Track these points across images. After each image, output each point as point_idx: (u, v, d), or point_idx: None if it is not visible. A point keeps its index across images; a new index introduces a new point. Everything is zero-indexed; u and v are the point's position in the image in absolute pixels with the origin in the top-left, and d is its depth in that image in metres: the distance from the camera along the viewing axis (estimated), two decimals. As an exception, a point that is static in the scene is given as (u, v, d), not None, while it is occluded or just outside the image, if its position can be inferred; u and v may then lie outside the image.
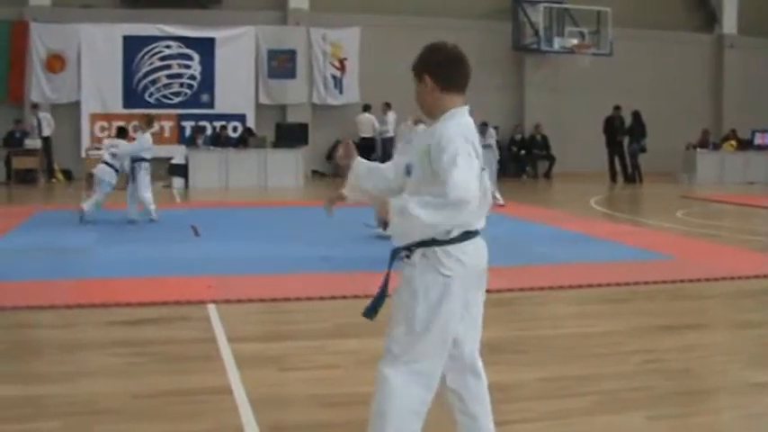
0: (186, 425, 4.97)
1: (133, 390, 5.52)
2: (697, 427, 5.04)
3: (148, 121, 16.58)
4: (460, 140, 3.83)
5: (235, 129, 26.66)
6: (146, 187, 15.39)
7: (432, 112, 4.12)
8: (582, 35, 29.78)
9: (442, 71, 4.06)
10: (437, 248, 3.89)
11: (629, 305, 8.56)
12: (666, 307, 8.50)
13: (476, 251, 4.03)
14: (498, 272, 10.02)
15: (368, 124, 27.75)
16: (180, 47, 27.46)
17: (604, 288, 9.29)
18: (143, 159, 15.58)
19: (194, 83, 27.67)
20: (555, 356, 6.48)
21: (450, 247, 3.91)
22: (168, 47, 27.42)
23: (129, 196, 15.41)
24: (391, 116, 27.54)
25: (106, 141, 16.31)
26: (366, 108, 27.83)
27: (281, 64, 28.00)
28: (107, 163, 15.61)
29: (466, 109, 4.06)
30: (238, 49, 27.70)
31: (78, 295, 8.44)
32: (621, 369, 6.12)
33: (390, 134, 27.39)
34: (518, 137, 29.55)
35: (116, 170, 15.63)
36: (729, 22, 32.96)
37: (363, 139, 27.56)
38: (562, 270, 10.28)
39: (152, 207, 15.31)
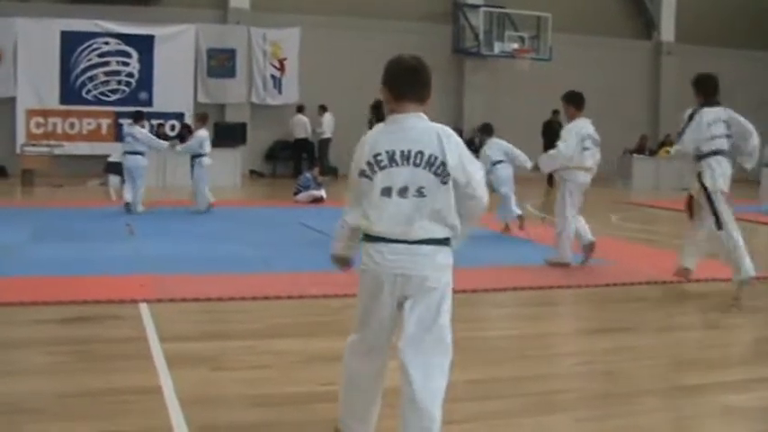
0: (115, 424, 4.91)
1: (62, 389, 5.45)
2: (625, 429, 5.08)
3: (203, 119, 17.38)
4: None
5: (173, 127, 26.50)
6: (204, 181, 16.57)
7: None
8: (522, 40, 30.02)
9: (394, 82, 4.33)
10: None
11: (561, 308, 8.64)
12: (599, 310, 8.58)
13: (380, 255, 4.25)
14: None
15: (301, 125, 27.75)
16: (119, 44, 27.24)
17: (536, 291, 9.34)
18: (201, 155, 16.63)
19: (133, 80, 27.45)
20: (485, 358, 6.50)
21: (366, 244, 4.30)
22: (107, 43, 27.18)
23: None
24: (327, 117, 27.58)
25: (139, 131, 16.82)
26: (300, 109, 27.84)
27: (220, 63, 27.89)
28: (139, 152, 16.53)
29: (404, 116, 4.29)
30: (178, 47, 27.53)
31: (7, 293, 8.30)
32: (552, 371, 6.16)
33: (327, 135, 27.44)
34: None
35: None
36: (667, 29, 33.41)
37: (297, 140, 27.66)
38: (496, 272, 10.32)
39: (210, 200, 16.58)
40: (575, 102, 11.51)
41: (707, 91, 10.00)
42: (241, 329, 7.27)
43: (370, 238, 4.25)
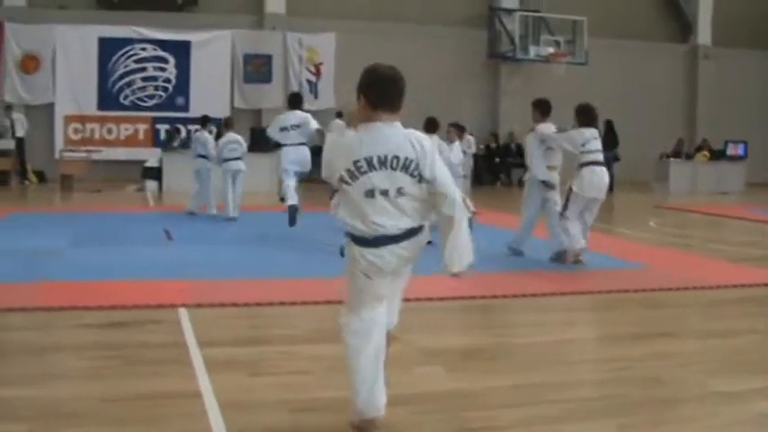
0: (156, 429, 4.94)
1: (102, 393, 5.48)
2: (665, 436, 5.06)
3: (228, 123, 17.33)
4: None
5: (210, 132, 26.59)
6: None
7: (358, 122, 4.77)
8: (557, 44, 29.92)
9: (371, 91, 4.68)
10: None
11: (600, 313, 8.59)
12: (637, 315, 8.53)
13: (373, 256, 4.73)
14: (471, 279, 10.03)
15: (340, 130, 27.74)
16: (155, 49, 27.42)
17: (576, 296, 9.32)
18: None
19: (169, 86, 27.63)
20: (526, 364, 6.49)
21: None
22: (144, 49, 27.37)
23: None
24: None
25: (205, 136, 17.22)
26: (338, 115, 27.84)
27: (256, 68, 28.01)
28: (205, 156, 16.88)
29: (380, 125, 4.64)
30: (214, 53, 27.68)
31: (49, 298, 8.38)
32: (592, 377, 6.13)
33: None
34: (492, 145, 29.63)
35: None
36: (704, 32, 33.19)
37: None
38: (535, 278, 10.30)
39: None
40: (540, 108, 12.28)
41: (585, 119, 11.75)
42: (279, 335, 7.29)
43: (361, 241, 4.68)
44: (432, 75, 28.96)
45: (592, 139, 11.45)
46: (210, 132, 17.31)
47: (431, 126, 13.91)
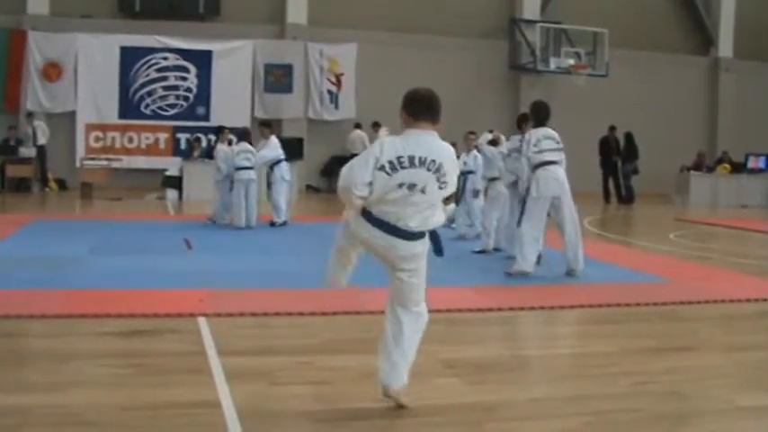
0: (174, 438, 4.96)
1: (122, 402, 5.49)
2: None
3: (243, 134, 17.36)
4: (370, 148, 5.52)
5: (230, 142, 26.66)
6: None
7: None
8: (578, 56, 29.91)
9: (412, 106, 5.53)
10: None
11: (620, 326, 8.55)
12: (658, 329, 8.49)
13: (370, 230, 5.35)
14: (491, 291, 10.04)
15: (359, 141, 27.84)
16: (177, 59, 27.57)
17: (596, 309, 9.29)
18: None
19: (190, 95, 27.76)
20: (545, 377, 6.47)
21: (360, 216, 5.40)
22: (165, 58, 27.52)
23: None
24: (382, 133, 27.51)
25: (221, 149, 17.27)
26: (357, 126, 27.92)
27: (277, 78, 28.10)
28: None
29: (420, 131, 5.43)
30: (235, 63, 27.81)
31: (69, 305, 8.42)
32: (611, 390, 6.11)
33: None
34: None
35: None
36: (725, 45, 33.12)
37: (354, 155, 27.66)
38: (555, 290, 10.28)
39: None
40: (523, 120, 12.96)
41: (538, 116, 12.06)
42: (298, 345, 7.29)
43: (365, 214, 5.38)
44: (452, 86, 28.96)
45: (544, 138, 11.64)
46: (230, 143, 17.28)
47: None
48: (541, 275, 11.27)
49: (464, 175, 14.70)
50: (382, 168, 5.27)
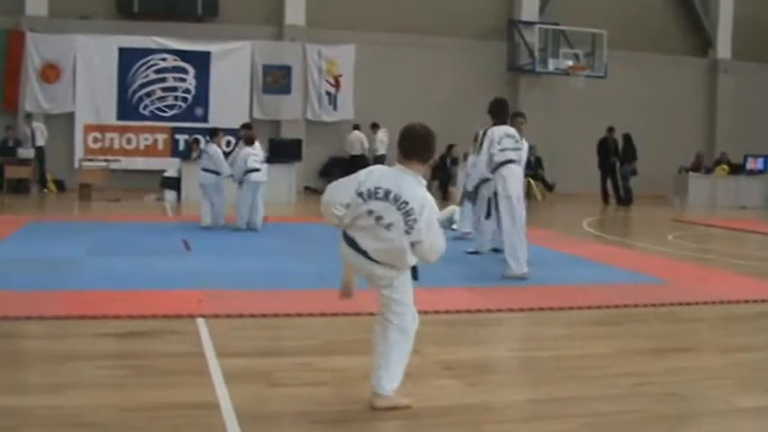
0: (173, 439, 4.96)
1: (121, 403, 5.49)
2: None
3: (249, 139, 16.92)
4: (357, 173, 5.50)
5: (228, 143, 26.68)
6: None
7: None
8: (577, 57, 29.94)
9: (404, 145, 5.51)
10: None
11: (619, 328, 8.55)
12: (657, 330, 8.49)
13: (346, 248, 5.51)
14: (490, 292, 10.04)
15: (358, 142, 27.87)
16: (175, 60, 27.58)
17: (594, 310, 9.28)
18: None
19: (189, 96, 27.77)
20: (545, 378, 6.47)
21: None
22: (164, 59, 27.53)
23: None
24: (381, 134, 27.62)
25: (214, 150, 16.60)
26: (356, 127, 27.93)
27: (275, 79, 28.11)
28: (212, 170, 16.38)
29: (405, 169, 5.46)
30: (234, 64, 27.82)
31: (68, 306, 8.41)
32: (610, 392, 6.10)
33: (381, 152, 27.45)
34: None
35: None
36: (724, 46, 33.14)
37: (353, 156, 27.73)
38: (553, 291, 10.27)
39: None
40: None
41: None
42: (297, 346, 7.28)
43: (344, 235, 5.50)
44: (450, 87, 29.02)
45: (505, 137, 11.46)
46: (228, 144, 17.20)
47: None
48: (540, 276, 11.27)
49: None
50: (360, 195, 5.36)
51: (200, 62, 27.75)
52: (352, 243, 5.42)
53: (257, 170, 16.08)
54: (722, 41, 33.21)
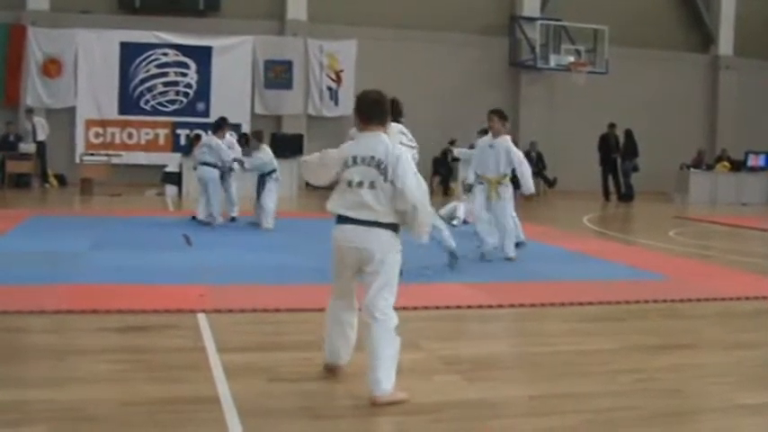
0: (173, 434, 4.96)
1: (121, 397, 5.49)
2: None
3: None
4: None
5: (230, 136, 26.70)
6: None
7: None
8: (578, 53, 29.89)
9: (361, 110, 5.94)
10: None
11: (620, 324, 8.55)
12: (658, 326, 8.50)
13: (340, 232, 5.87)
14: (491, 288, 10.04)
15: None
16: (177, 55, 27.55)
17: (596, 306, 9.28)
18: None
19: (190, 91, 27.74)
20: (544, 374, 6.47)
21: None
22: (165, 54, 27.50)
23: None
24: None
25: (216, 142, 16.42)
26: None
27: (277, 74, 28.09)
28: (211, 164, 16.14)
29: (371, 133, 5.86)
30: (235, 59, 27.79)
31: (69, 301, 8.40)
32: (611, 388, 6.10)
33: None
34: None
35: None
36: (725, 43, 33.10)
37: None
38: (554, 287, 10.28)
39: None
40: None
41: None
42: (298, 341, 7.28)
43: (338, 218, 5.85)
44: (452, 82, 29.00)
45: (399, 133, 11.14)
46: (232, 136, 17.09)
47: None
48: (540, 272, 11.28)
49: None
50: (344, 165, 5.81)
51: (202, 57, 27.73)
52: (346, 219, 5.75)
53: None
54: (724, 38, 33.17)
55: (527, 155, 29.30)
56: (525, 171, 12.45)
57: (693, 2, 33.14)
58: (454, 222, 16.24)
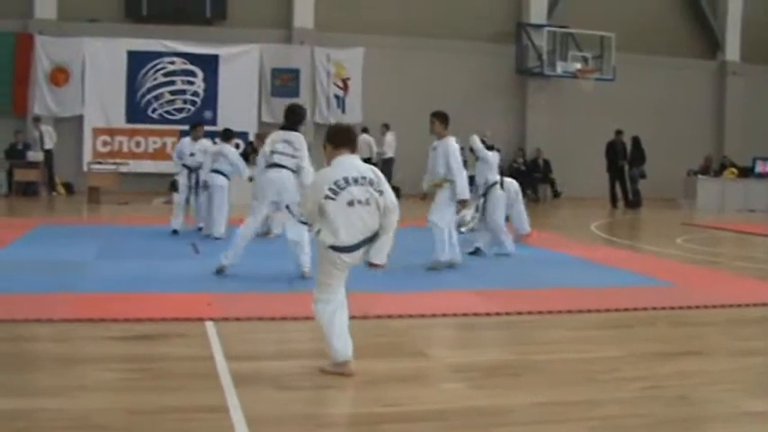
0: (181, 442, 4.96)
1: (129, 406, 5.50)
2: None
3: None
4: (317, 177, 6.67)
5: (237, 146, 26.67)
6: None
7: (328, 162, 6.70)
8: (585, 60, 29.86)
9: (335, 139, 6.73)
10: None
11: (628, 331, 8.54)
12: (666, 333, 8.49)
13: (350, 258, 6.46)
14: (498, 295, 10.03)
15: (366, 145, 27.74)
16: (184, 63, 27.58)
17: (603, 313, 9.27)
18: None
19: (197, 99, 27.77)
20: (552, 381, 6.46)
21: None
22: (172, 63, 27.54)
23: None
24: (389, 137, 27.54)
25: (230, 150, 16.11)
26: (364, 130, 27.84)
27: (284, 82, 28.10)
28: (224, 173, 15.81)
29: (346, 156, 6.63)
30: (242, 67, 27.82)
31: (76, 309, 8.42)
32: (619, 395, 6.10)
33: (389, 155, 27.39)
34: (520, 160, 29.54)
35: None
36: (732, 49, 33.04)
37: (362, 160, 27.60)
38: (562, 294, 10.26)
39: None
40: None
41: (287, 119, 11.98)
42: (305, 349, 7.28)
43: (336, 248, 6.40)
44: (459, 90, 28.98)
45: (279, 141, 11.58)
46: (237, 147, 17.03)
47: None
48: (548, 279, 11.27)
49: None
50: (327, 197, 6.35)
51: (209, 65, 27.76)
52: (351, 248, 6.40)
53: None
54: (731, 44, 33.11)
55: (533, 162, 29.46)
56: (458, 175, 12.11)
57: (700, 8, 33.11)
58: (462, 230, 16.24)
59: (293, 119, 11.90)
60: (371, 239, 6.39)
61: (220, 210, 15.38)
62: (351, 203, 6.28)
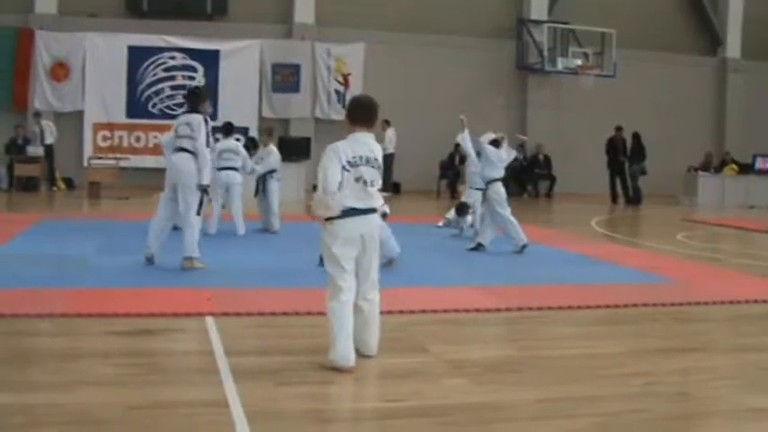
0: (181, 437, 4.95)
1: (129, 401, 5.49)
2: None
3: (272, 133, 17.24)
4: (331, 153, 6.66)
5: (237, 140, 26.65)
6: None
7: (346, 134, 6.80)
8: (586, 56, 29.84)
9: (352, 113, 6.81)
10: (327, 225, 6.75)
11: (628, 327, 8.53)
12: (667, 330, 8.47)
13: (353, 223, 6.59)
14: (499, 291, 10.02)
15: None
16: (184, 58, 27.55)
17: (604, 309, 9.27)
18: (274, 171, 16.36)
19: (198, 95, 27.66)
20: (554, 377, 6.45)
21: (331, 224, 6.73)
22: (173, 58, 27.50)
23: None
24: (390, 133, 27.47)
25: (238, 146, 16.28)
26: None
27: (284, 78, 28.08)
28: (236, 168, 15.88)
29: (363, 133, 6.73)
30: (243, 62, 27.78)
31: (76, 304, 8.41)
32: (621, 391, 6.09)
33: (390, 151, 27.32)
34: (520, 156, 29.49)
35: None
36: (733, 45, 33.01)
37: None
38: (563, 291, 10.25)
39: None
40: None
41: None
42: (306, 344, 7.26)
43: (346, 212, 6.54)
44: (459, 86, 28.96)
45: (182, 124, 12.14)
46: (238, 140, 17.02)
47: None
48: (548, 275, 11.26)
49: None
50: (344, 167, 6.56)
51: (210, 60, 27.73)
52: (354, 211, 6.56)
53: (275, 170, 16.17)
54: (731, 40, 33.08)
55: (534, 157, 29.43)
56: None
57: (701, 5, 33.08)
58: (440, 224, 16.38)
59: (194, 100, 12.27)
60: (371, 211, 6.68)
61: (238, 207, 15.60)
62: (358, 180, 6.57)
